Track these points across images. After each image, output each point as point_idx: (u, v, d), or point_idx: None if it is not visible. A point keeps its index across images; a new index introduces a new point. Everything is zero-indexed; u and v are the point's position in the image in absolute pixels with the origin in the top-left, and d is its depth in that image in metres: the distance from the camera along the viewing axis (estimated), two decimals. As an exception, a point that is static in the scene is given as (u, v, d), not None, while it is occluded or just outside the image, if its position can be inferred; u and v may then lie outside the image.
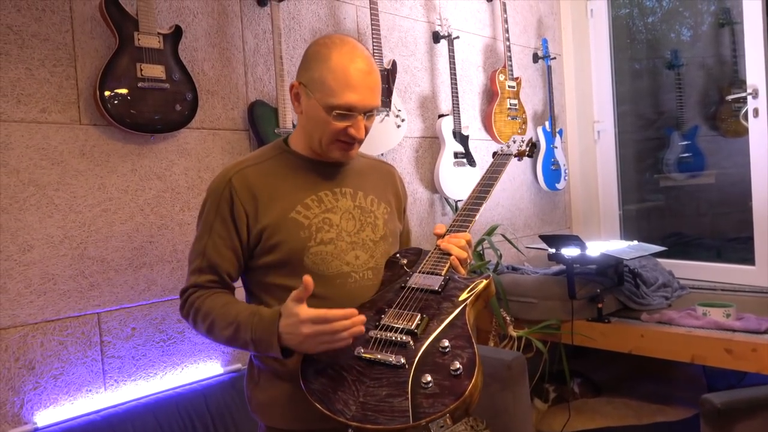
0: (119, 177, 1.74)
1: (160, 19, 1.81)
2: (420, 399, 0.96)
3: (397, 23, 2.56)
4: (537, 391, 2.64)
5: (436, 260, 1.24)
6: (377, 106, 1.23)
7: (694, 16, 3.63)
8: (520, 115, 2.99)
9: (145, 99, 1.70)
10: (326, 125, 1.20)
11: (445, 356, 1.02)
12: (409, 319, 1.11)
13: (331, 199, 1.27)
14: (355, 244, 1.25)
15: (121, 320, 1.73)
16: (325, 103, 1.18)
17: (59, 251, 1.62)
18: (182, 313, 1.26)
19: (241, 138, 2.01)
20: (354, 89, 1.17)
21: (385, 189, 1.39)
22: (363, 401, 0.99)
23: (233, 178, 1.23)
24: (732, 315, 2.26)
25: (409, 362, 1.03)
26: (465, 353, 1.02)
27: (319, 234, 1.22)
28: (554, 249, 2.48)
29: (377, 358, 1.05)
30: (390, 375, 1.02)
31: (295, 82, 1.24)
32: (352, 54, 1.19)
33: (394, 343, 1.07)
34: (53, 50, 1.63)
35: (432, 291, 1.17)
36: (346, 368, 1.05)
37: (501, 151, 1.53)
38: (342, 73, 1.17)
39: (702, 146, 3.44)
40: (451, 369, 0.99)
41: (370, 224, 1.29)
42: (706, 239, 3.48)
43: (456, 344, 1.04)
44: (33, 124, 1.59)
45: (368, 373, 1.04)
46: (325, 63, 1.18)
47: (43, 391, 1.58)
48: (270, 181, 1.25)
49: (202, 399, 1.72)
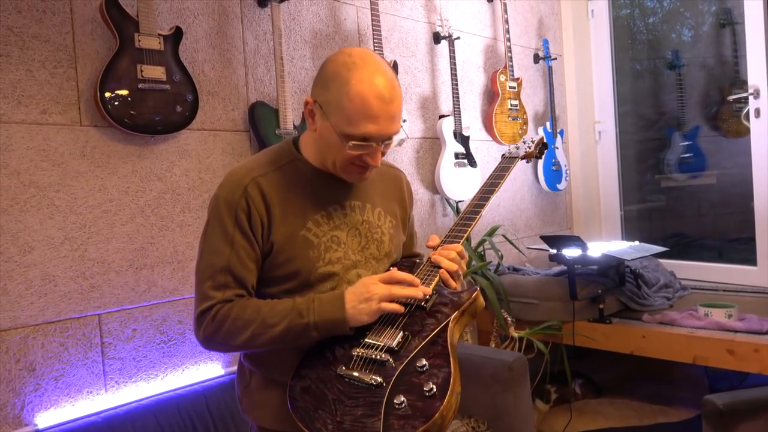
0: (120, 178, 1.74)
1: (160, 21, 1.81)
2: (392, 420, 0.97)
3: (398, 24, 2.56)
4: (538, 391, 2.64)
5: (426, 274, 1.21)
6: (396, 132, 1.16)
7: (695, 16, 3.62)
8: (521, 116, 2.99)
9: (146, 100, 1.70)
10: (340, 150, 1.15)
11: (421, 375, 1.03)
12: (391, 336, 1.11)
13: (339, 214, 1.24)
14: (358, 263, 1.24)
15: (122, 322, 1.73)
16: (341, 131, 1.12)
17: (60, 252, 1.62)
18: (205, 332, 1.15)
19: (241, 139, 2.00)
20: (373, 120, 1.10)
21: (392, 199, 1.36)
22: (339, 420, 1.00)
23: (249, 187, 1.17)
24: (734, 316, 2.25)
25: (386, 381, 1.03)
26: (441, 373, 1.02)
27: (327, 254, 1.20)
28: (555, 250, 2.48)
29: (356, 377, 1.06)
30: (367, 395, 1.03)
31: (310, 99, 1.17)
32: (373, 79, 1.10)
33: (374, 361, 1.07)
34: (54, 51, 1.63)
35: (418, 307, 1.16)
36: (329, 386, 1.07)
37: (508, 153, 1.46)
38: (361, 102, 1.09)
39: (703, 147, 3.43)
40: (424, 389, 0.99)
41: (376, 241, 1.27)
42: (707, 240, 3.47)
43: (434, 363, 1.04)
44: (34, 125, 1.59)
45: (348, 392, 1.05)
46: (343, 87, 1.10)
47: (43, 393, 1.58)
48: (282, 194, 1.20)
49: (202, 400, 1.72)
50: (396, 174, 1.41)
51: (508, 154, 1.45)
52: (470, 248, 2.60)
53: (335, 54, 1.17)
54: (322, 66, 1.17)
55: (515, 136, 2.97)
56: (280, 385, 1.17)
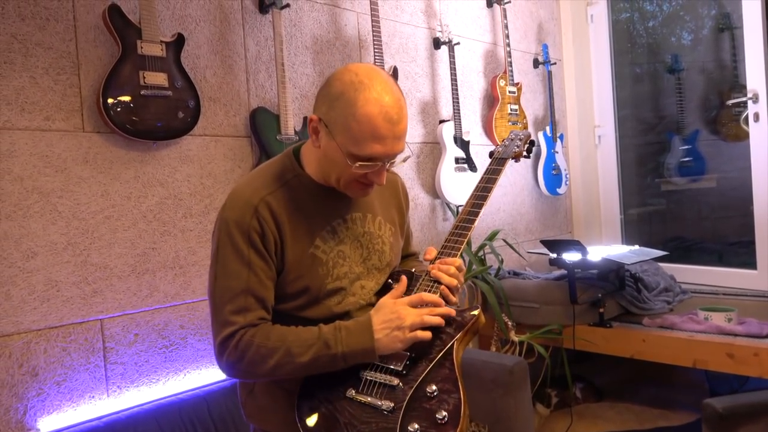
0: (122, 184, 1.75)
1: (162, 27, 1.82)
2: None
3: (398, 30, 2.57)
4: (539, 396, 2.64)
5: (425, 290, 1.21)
6: (402, 151, 1.15)
7: (695, 20, 3.63)
8: (521, 120, 3.00)
9: (148, 106, 1.71)
10: (345, 169, 1.14)
11: (432, 401, 1.05)
12: (397, 359, 1.12)
13: (343, 228, 1.24)
14: (361, 275, 1.25)
15: (124, 326, 1.74)
16: (347, 151, 1.11)
17: (62, 258, 1.63)
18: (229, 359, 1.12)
19: (243, 144, 2.02)
20: (380, 141, 1.09)
21: (390, 205, 1.36)
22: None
23: (259, 207, 1.15)
24: (734, 319, 2.26)
25: (397, 407, 1.05)
26: (451, 399, 1.04)
27: (335, 270, 1.21)
28: (555, 254, 2.48)
29: (368, 402, 1.07)
30: (379, 420, 1.05)
31: (315, 117, 1.15)
32: (381, 100, 1.08)
33: (384, 385, 1.09)
34: (57, 59, 1.64)
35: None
36: (339, 409, 1.09)
37: (497, 154, 1.42)
38: (369, 123, 1.08)
39: (703, 150, 3.44)
40: (437, 417, 1.02)
41: (377, 251, 1.28)
42: (707, 243, 3.48)
43: (443, 388, 1.06)
44: (37, 131, 1.61)
45: (359, 415, 1.06)
46: (350, 108, 1.08)
47: (46, 398, 1.59)
48: (291, 212, 1.19)
49: (204, 405, 1.73)
50: (392, 178, 1.41)
51: (498, 155, 1.41)
52: (470, 252, 2.61)
53: (341, 71, 1.14)
54: (328, 83, 1.15)
55: (515, 141, 2.98)
56: (285, 390, 1.17)
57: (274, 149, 1.96)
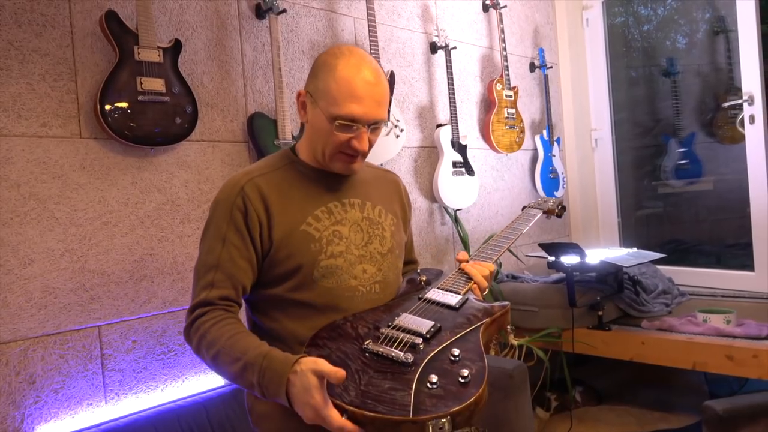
0: (119, 190, 1.74)
1: (159, 33, 1.82)
2: (423, 397, 0.95)
3: (395, 34, 2.58)
4: (539, 399, 2.64)
5: (456, 280, 1.25)
6: (383, 119, 1.20)
7: (689, 24, 3.66)
8: (518, 124, 3.01)
9: (146, 112, 1.71)
10: (329, 136, 1.19)
11: (454, 364, 1.02)
12: (422, 325, 1.11)
13: (340, 210, 1.26)
14: (363, 258, 1.25)
15: (122, 333, 1.73)
16: (328, 113, 1.17)
17: (60, 265, 1.63)
18: (186, 335, 1.18)
19: (240, 150, 2.02)
20: (358, 100, 1.16)
21: (391, 199, 1.39)
22: (364, 389, 0.98)
23: (245, 186, 1.20)
24: (732, 321, 2.26)
25: (417, 361, 1.02)
26: (475, 365, 1.01)
27: (329, 247, 1.21)
28: (554, 257, 2.48)
29: (385, 353, 1.04)
30: (396, 370, 1.01)
31: (302, 91, 1.24)
32: (359, 65, 1.17)
33: (405, 342, 1.06)
34: (54, 65, 1.64)
35: (449, 306, 1.17)
36: (352, 358, 1.05)
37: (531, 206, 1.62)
38: (346, 83, 1.15)
39: (699, 153, 3.45)
40: (459, 376, 0.97)
41: (378, 236, 1.29)
42: (705, 245, 3.49)
43: (467, 356, 1.04)
44: (34, 138, 1.60)
45: (373, 365, 1.03)
46: (331, 72, 1.17)
47: (43, 405, 1.58)
48: (280, 192, 1.23)
49: (203, 411, 1.72)
50: (393, 178, 1.45)
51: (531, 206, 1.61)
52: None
53: (326, 50, 1.25)
54: (314, 62, 1.25)
55: (512, 145, 2.99)
56: None
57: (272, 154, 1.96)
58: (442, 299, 1.19)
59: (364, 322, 1.14)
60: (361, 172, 1.35)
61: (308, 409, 0.98)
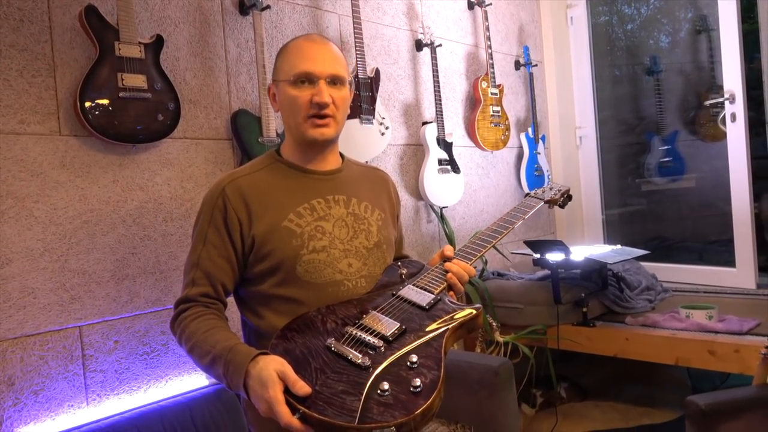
0: (100, 188, 1.72)
1: (141, 29, 1.79)
2: (372, 404, 0.95)
3: (380, 32, 2.57)
4: (524, 396, 2.65)
5: (434, 278, 1.25)
6: (339, 74, 1.26)
7: (672, 23, 3.69)
8: (503, 122, 3.01)
9: (127, 109, 1.68)
10: (294, 101, 1.24)
11: (410, 371, 1.02)
12: (387, 326, 1.11)
13: (323, 206, 1.27)
14: (348, 252, 1.25)
15: (104, 333, 1.70)
16: (287, 79, 1.24)
17: (39, 264, 1.60)
18: (171, 328, 1.25)
19: (224, 147, 1.99)
20: (309, 59, 1.24)
21: (379, 195, 1.40)
22: (318, 390, 0.99)
23: (226, 187, 1.25)
24: (714, 317, 2.28)
25: (374, 366, 1.02)
26: (430, 374, 1.01)
27: (311, 242, 1.22)
28: (539, 254, 2.49)
29: (344, 353, 1.05)
30: (351, 373, 1.02)
31: (270, 84, 1.33)
32: (308, 36, 1.30)
33: (366, 344, 1.07)
34: (32, 60, 1.61)
35: (419, 306, 1.17)
36: (314, 355, 1.06)
37: (533, 194, 1.57)
38: (296, 48, 1.27)
39: (682, 150, 3.49)
40: (411, 385, 0.98)
41: (364, 231, 1.29)
42: (687, 242, 3.53)
43: (424, 363, 1.04)
44: (11, 135, 1.57)
45: (332, 365, 1.04)
46: (283, 50, 1.30)
47: (23, 408, 1.55)
48: (263, 190, 1.25)
49: (187, 412, 1.70)
50: (381, 175, 1.46)
51: (533, 195, 1.56)
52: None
53: None
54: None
55: (497, 142, 2.99)
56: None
57: (256, 152, 1.94)
58: (414, 298, 1.19)
59: (334, 317, 1.15)
60: (348, 169, 1.36)
61: (263, 403, 1.00)
